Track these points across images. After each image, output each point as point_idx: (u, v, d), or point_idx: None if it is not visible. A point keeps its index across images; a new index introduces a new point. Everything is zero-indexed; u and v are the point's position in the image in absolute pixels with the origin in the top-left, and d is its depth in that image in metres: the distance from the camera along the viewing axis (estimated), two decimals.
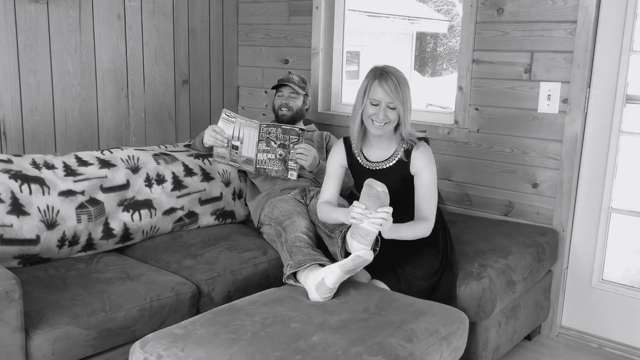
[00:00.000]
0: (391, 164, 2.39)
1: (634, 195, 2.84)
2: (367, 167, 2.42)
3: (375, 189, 2.10)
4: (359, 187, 2.49)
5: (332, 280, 2.08)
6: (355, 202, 2.14)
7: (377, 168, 2.41)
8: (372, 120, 2.29)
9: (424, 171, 2.34)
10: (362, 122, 2.34)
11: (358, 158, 2.43)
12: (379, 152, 2.41)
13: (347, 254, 2.21)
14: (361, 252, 2.07)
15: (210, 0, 3.74)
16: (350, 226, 2.21)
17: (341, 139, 2.51)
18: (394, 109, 2.26)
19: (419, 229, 2.30)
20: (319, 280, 2.10)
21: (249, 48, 3.93)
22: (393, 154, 2.39)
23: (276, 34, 3.79)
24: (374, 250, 2.20)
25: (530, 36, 2.88)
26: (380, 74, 2.27)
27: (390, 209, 2.11)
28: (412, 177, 2.36)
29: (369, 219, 2.10)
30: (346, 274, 2.09)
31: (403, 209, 2.32)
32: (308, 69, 3.65)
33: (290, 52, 3.75)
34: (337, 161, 2.48)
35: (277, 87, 3.16)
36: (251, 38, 3.91)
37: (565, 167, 2.86)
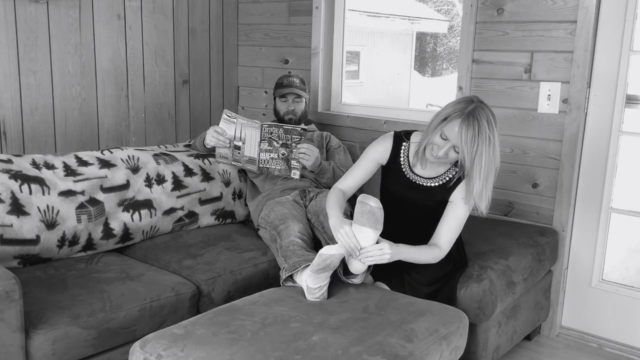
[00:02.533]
0: (435, 184, 2.30)
1: (633, 195, 2.84)
2: (408, 177, 2.33)
3: (368, 204, 2.05)
4: (388, 189, 2.40)
5: (311, 281, 2.07)
6: (345, 230, 2.07)
7: (418, 182, 2.32)
8: (433, 149, 2.18)
9: (463, 204, 2.24)
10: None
11: (402, 163, 2.35)
12: (428, 168, 2.32)
13: (345, 267, 2.20)
14: (324, 249, 2.02)
15: (210, 0, 3.75)
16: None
17: (391, 133, 2.39)
18: (458, 152, 2.13)
19: (430, 255, 2.21)
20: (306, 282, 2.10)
21: (249, 48, 3.93)
22: (441, 175, 2.31)
23: (276, 34, 3.79)
24: (368, 267, 2.16)
25: (530, 36, 2.88)
26: (468, 115, 2.08)
27: (385, 245, 2.06)
28: (447, 202, 2.28)
29: (361, 257, 2.06)
30: (319, 272, 2.04)
31: (423, 229, 2.28)
32: (308, 69, 3.65)
33: (290, 52, 3.75)
34: (375, 155, 2.36)
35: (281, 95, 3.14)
36: (251, 38, 3.91)
37: (565, 167, 2.86)
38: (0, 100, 2.90)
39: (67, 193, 2.51)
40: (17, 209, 2.36)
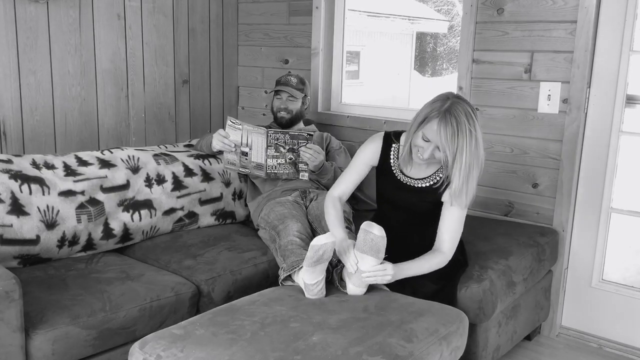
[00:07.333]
0: (425, 184, 2.29)
1: (634, 195, 2.84)
2: (399, 178, 2.32)
3: (372, 233, 2.05)
4: (380, 190, 2.41)
5: (307, 277, 2.07)
6: (350, 256, 2.10)
7: (409, 184, 2.31)
8: (418, 151, 2.16)
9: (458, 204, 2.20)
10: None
11: (393, 165, 2.33)
12: (417, 168, 2.30)
13: (340, 279, 2.21)
14: (315, 240, 2.03)
15: (210, 0, 3.75)
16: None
17: (382, 134, 2.37)
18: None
19: (432, 262, 2.19)
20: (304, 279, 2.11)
21: (249, 48, 3.93)
22: (431, 175, 2.29)
23: (276, 34, 3.79)
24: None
25: (530, 36, 2.88)
26: (444, 113, 2.06)
27: (389, 266, 2.08)
28: (441, 203, 2.26)
29: (363, 279, 2.08)
30: (314, 265, 2.04)
31: (420, 230, 2.27)
32: (308, 69, 3.65)
33: (290, 52, 3.75)
34: (366, 158, 2.35)
35: (276, 91, 3.14)
36: (251, 38, 3.91)
37: (565, 167, 2.86)
38: (0, 100, 2.91)
39: (67, 193, 2.51)
40: (17, 209, 2.36)
